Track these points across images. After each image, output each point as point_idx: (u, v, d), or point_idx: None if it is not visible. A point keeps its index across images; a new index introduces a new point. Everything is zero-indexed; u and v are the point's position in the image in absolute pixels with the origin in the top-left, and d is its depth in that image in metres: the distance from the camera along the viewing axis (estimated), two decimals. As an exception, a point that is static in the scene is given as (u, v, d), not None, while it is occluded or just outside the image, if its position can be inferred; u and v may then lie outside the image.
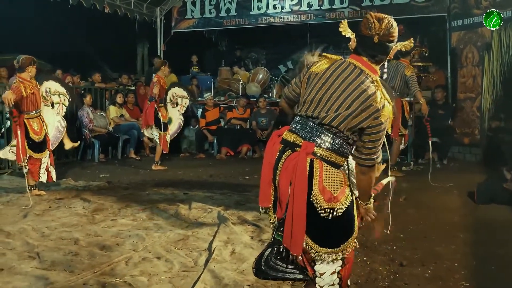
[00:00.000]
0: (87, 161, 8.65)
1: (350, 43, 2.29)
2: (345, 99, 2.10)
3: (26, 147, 5.39)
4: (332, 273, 2.18)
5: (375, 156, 2.16)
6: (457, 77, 8.89)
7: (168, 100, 7.71)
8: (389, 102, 2.11)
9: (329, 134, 2.15)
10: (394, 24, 2.13)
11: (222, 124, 9.89)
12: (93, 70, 10.06)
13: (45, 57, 11.36)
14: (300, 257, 2.21)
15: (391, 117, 2.14)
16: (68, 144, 6.14)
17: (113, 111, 9.17)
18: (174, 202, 5.25)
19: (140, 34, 12.13)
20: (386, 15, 2.15)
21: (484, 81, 8.15)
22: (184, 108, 7.99)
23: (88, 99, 8.73)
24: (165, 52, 11.73)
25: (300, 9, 10.60)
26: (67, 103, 6.12)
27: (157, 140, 7.39)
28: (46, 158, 5.59)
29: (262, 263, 2.32)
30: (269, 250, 2.33)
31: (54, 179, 5.80)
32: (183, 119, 7.97)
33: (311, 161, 2.13)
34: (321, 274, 2.19)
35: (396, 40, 2.16)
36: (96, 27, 11.43)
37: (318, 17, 10.47)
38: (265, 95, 10.10)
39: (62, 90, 6.07)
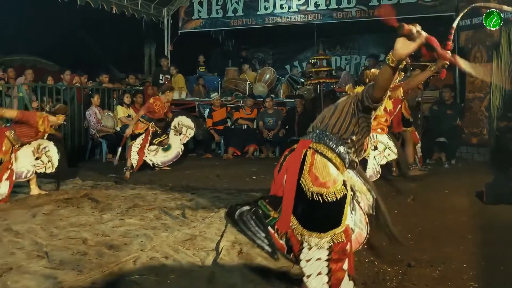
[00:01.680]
0: (94, 161, 8.69)
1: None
2: (341, 111, 2.40)
3: None
4: (317, 260, 2.24)
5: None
6: (465, 77, 8.84)
7: (172, 127, 7.66)
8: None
9: (333, 138, 2.34)
10: None
11: (229, 124, 9.90)
12: (100, 70, 10.10)
13: (53, 57, 11.45)
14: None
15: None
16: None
17: (120, 111, 9.19)
18: (182, 202, 5.27)
19: (147, 34, 12.17)
20: None
21: (492, 81, 8.09)
22: (187, 139, 7.89)
23: (95, 99, 8.77)
24: (172, 52, 11.76)
25: (307, 9, 10.58)
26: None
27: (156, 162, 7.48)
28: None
29: (237, 212, 2.41)
30: (249, 207, 2.42)
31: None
32: (183, 149, 7.85)
33: (306, 152, 2.32)
34: (307, 260, 2.26)
35: None
36: (104, 27, 11.47)
37: (325, 17, 10.45)
38: (272, 95, 10.10)
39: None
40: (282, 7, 10.82)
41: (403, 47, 2.00)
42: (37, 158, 5.62)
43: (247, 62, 11.95)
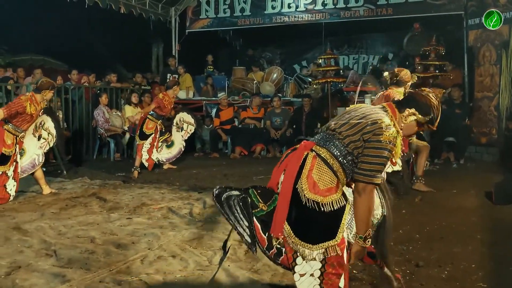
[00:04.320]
0: (102, 160, 8.73)
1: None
2: (357, 114, 2.28)
3: None
4: (311, 275, 2.17)
5: (371, 174, 2.17)
6: (474, 76, 8.78)
7: (174, 124, 7.76)
8: (398, 132, 2.25)
9: (338, 144, 2.23)
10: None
11: (236, 123, 9.90)
12: (108, 70, 10.15)
13: (61, 57, 11.52)
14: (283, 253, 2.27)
15: (397, 147, 2.24)
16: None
17: (128, 110, 9.23)
18: (189, 201, 5.28)
19: (155, 34, 12.20)
20: None
21: (501, 80, 8.04)
22: (188, 135, 7.94)
23: (103, 98, 8.81)
24: (179, 52, 11.78)
25: (315, 8, 10.55)
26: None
27: (162, 160, 7.53)
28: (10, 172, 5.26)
29: (224, 195, 2.33)
30: (238, 192, 2.33)
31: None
32: (184, 145, 7.89)
33: (307, 155, 2.23)
34: (301, 275, 2.19)
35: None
36: (112, 27, 11.51)
37: (333, 16, 10.42)
38: (279, 95, 10.09)
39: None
40: (289, 6, 10.79)
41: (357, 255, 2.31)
42: (39, 138, 5.59)
43: (254, 62, 11.95)
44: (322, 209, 2.12)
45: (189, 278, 3.09)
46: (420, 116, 2.33)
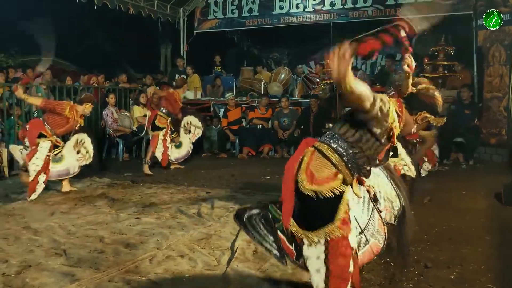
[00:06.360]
0: (111, 160, 8.77)
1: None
2: None
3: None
4: (317, 258, 2.24)
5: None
6: (484, 76, 8.72)
7: (182, 126, 7.88)
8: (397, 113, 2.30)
9: (339, 141, 2.27)
10: None
11: (244, 124, 9.91)
12: (117, 70, 10.20)
13: (70, 58, 11.60)
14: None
15: (391, 116, 2.25)
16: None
17: (137, 111, 9.27)
18: (197, 201, 5.29)
19: (163, 34, 12.25)
20: None
21: (511, 80, 7.97)
22: (196, 138, 8.05)
23: (110, 98, 8.85)
24: (187, 52, 11.82)
25: (323, 8, 10.55)
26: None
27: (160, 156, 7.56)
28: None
29: (246, 215, 2.43)
30: (258, 210, 2.43)
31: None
32: (192, 147, 7.99)
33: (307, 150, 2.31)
34: (309, 258, 2.27)
35: None
36: (121, 28, 11.58)
37: (341, 16, 10.41)
38: (287, 95, 10.08)
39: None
40: (297, 7, 10.80)
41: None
42: (78, 152, 5.85)
43: (262, 62, 11.94)
44: (320, 196, 2.19)
45: (197, 278, 3.11)
46: (432, 116, 2.41)
